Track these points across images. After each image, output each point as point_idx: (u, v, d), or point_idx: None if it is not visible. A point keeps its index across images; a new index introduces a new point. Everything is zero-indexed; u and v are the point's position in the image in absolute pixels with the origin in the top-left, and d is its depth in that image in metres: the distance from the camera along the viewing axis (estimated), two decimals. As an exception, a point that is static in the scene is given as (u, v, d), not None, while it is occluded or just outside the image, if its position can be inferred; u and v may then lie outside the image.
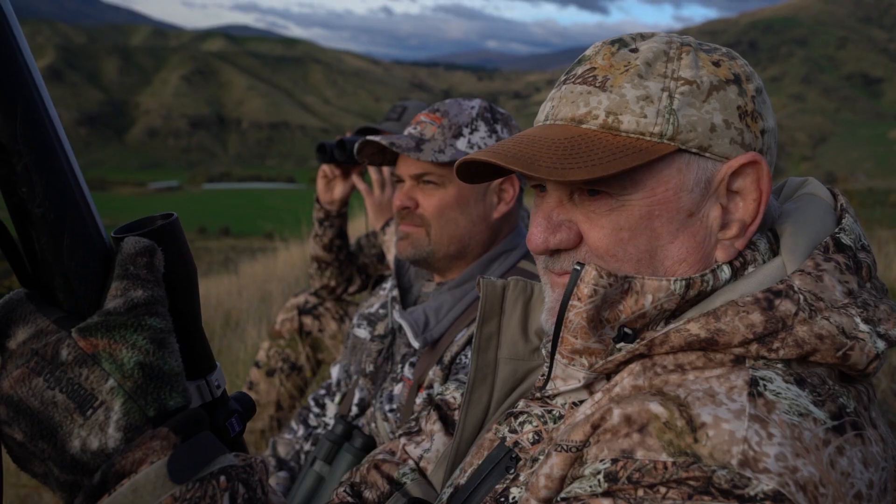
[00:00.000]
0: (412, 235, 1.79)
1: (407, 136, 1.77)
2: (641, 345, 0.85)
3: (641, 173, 0.86)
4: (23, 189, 0.67)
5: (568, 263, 0.92)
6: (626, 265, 0.89)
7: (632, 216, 0.88)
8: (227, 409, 0.79)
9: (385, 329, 1.91)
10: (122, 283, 0.68)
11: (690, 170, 0.87)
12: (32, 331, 0.67)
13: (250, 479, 0.67)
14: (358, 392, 1.92)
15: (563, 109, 0.91)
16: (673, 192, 0.87)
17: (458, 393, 1.27)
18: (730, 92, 0.88)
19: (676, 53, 0.89)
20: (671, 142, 0.86)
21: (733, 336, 0.81)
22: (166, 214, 0.76)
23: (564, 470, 0.83)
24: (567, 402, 0.96)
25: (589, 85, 0.89)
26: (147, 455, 0.64)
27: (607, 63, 0.90)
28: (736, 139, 0.88)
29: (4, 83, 0.65)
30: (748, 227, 0.89)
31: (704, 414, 0.76)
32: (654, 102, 0.86)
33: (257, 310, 5.48)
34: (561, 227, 0.92)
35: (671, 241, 0.88)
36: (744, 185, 0.89)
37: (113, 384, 0.65)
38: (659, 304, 0.87)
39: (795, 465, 0.72)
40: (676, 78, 0.88)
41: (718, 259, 0.89)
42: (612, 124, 0.87)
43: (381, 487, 1.19)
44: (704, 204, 0.89)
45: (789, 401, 0.78)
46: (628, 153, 0.84)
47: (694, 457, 0.73)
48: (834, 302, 0.83)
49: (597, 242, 0.89)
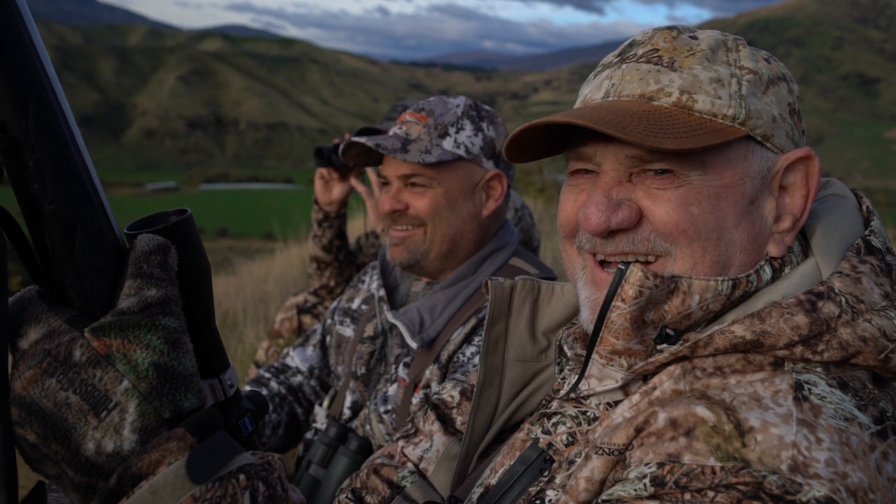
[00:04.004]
0: (407, 240, 1.76)
1: (393, 136, 1.75)
2: (685, 347, 0.84)
3: (711, 155, 0.86)
4: (35, 185, 0.66)
5: (626, 244, 0.90)
6: (695, 245, 0.87)
7: (701, 194, 0.86)
8: (240, 408, 0.78)
9: (375, 330, 1.88)
10: (136, 281, 0.68)
11: (755, 157, 0.87)
12: (45, 330, 0.67)
13: (270, 477, 0.67)
14: (349, 394, 1.89)
15: (629, 86, 0.89)
16: (739, 178, 0.87)
17: (456, 391, 1.26)
18: (782, 88, 0.90)
19: (734, 45, 0.90)
20: (742, 126, 0.85)
21: (779, 338, 0.80)
22: (180, 210, 0.75)
23: (605, 473, 0.83)
24: (601, 402, 0.94)
25: (656, 64, 0.88)
26: (164, 456, 0.63)
27: (670, 45, 0.89)
28: (790, 133, 0.89)
29: (17, 77, 0.64)
30: (797, 222, 0.90)
31: (752, 418, 0.75)
32: (725, 86, 0.86)
33: (255, 310, 5.47)
34: (622, 205, 0.89)
35: (735, 226, 0.87)
36: (794, 181, 0.89)
37: (127, 385, 0.65)
38: (706, 305, 0.86)
39: (845, 470, 0.72)
40: (741, 66, 0.88)
41: (771, 252, 0.89)
42: (686, 103, 0.86)
43: (381, 492, 1.18)
44: (762, 194, 0.89)
45: (834, 405, 0.77)
46: (707, 131, 0.83)
47: (743, 461, 0.73)
48: (873, 304, 0.82)
49: (664, 218, 0.87)
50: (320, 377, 2.09)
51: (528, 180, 10.66)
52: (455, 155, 1.71)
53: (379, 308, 1.87)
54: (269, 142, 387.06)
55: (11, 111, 0.64)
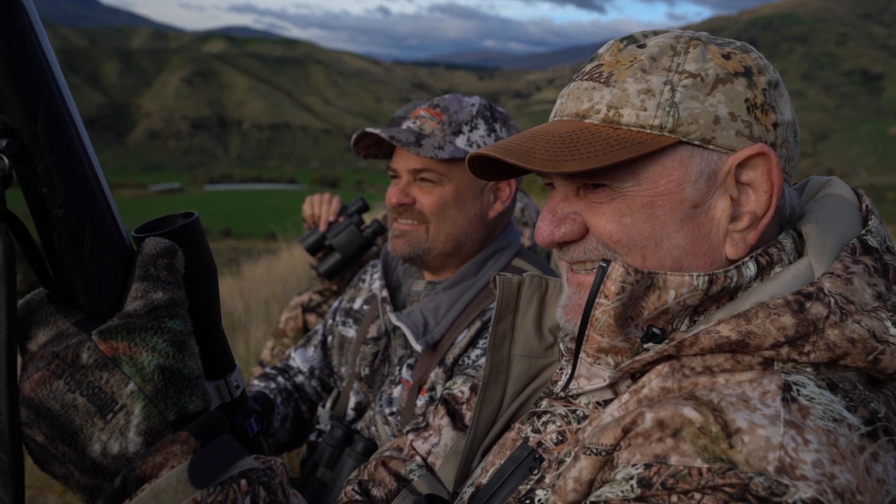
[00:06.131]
0: (409, 233, 1.76)
1: (406, 130, 1.74)
2: (671, 346, 0.84)
3: (642, 165, 0.87)
4: (43, 190, 0.66)
5: (578, 254, 0.94)
6: (633, 252, 0.89)
7: (633, 204, 0.88)
8: (246, 409, 0.79)
9: (378, 331, 1.87)
10: (143, 284, 0.69)
11: (693, 162, 0.88)
12: (53, 333, 0.68)
13: (271, 483, 0.67)
14: (353, 395, 1.89)
15: (569, 105, 0.93)
16: (676, 184, 0.87)
17: (467, 387, 1.26)
18: (738, 84, 0.88)
19: (684, 48, 0.90)
20: (671, 134, 0.86)
21: (764, 339, 0.80)
22: (187, 213, 0.75)
23: (593, 473, 0.83)
24: (591, 401, 0.95)
25: (594, 81, 0.91)
26: (167, 459, 0.64)
27: (614, 59, 0.92)
28: (743, 131, 0.88)
29: (26, 82, 0.64)
30: (760, 220, 0.89)
31: (739, 419, 0.75)
32: (655, 96, 0.87)
33: (260, 310, 5.53)
34: (566, 219, 0.93)
35: (676, 231, 0.88)
36: (754, 178, 0.88)
37: (133, 388, 0.65)
38: (682, 300, 0.87)
39: (833, 472, 0.71)
40: (680, 71, 0.88)
41: (728, 253, 0.89)
42: (613, 118, 0.88)
43: (388, 485, 1.18)
44: (711, 196, 0.89)
45: (823, 406, 0.77)
46: (626, 146, 0.85)
47: (729, 463, 0.73)
48: (864, 305, 0.82)
49: (601, 230, 0.90)
50: (321, 377, 2.10)
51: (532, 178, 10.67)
52: (467, 153, 1.68)
53: (382, 309, 1.87)
54: (272, 142, 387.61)
55: (21, 116, 0.64)
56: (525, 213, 3.12)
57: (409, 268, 1.93)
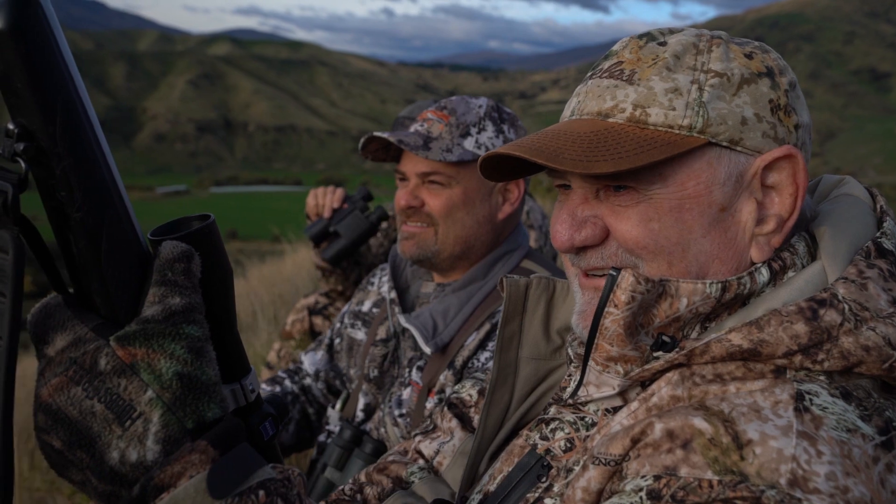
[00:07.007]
0: (418, 236, 1.76)
1: (414, 133, 1.74)
2: (681, 355, 0.82)
3: (670, 167, 0.84)
4: (61, 193, 0.66)
5: (595, 260, 0.90)
6: (660, 259, 0.86)
7: (661, 208, 0.85)
8: (261, 413, 0.79)
9: (387, 333, 1.87)
10: (160, 289, 0.68)
11: (721, 164, 0.85)
12: (71, 338, 0.67)
13: (289, 494, 0.66)
14: (362, 397, 1.89)
15: (589, 104, 0.89)
16: (704, 187, 0.85)
17: (475, 390, 1.25)
18: (762, 85, 0.86)
19: (706, 46, 0.87)
20: (701, 135, 0.83)
21: (777, 347, 0.78)
22: (203, 216, 0.75)
23: (602, 483, 0.81)
24: (600, 408, 0.94)
25: (615, 79, 0.87)
26: (186, 469, 0.64)
27: (635, 56, 0.88)
28: (768, 133, 0.85)
29: (45, 85, 0.63)
30: (785, 223, 0.87)
31: (751, 430, 0.73)
32: (683, 95, 0.84)
33: (266, 312, 5.50)
34: (586, 223, 0.89)
35: (703, 236, 0.85)
36: (779, 180, 0.86)
37: (151, 395, 0.65)
38: (694, 308, 0.84)
39: (846, 484, 0.69)
40: (706, 70, 0.85)
41: (753, 257, 0.87)
42: (640, 117, 0.84)
43: (384, 485, 1.18)
44: (737, 199, 0.86)
45: (836, 416, 0.75)
46: (656, 146, 0.82)
47: (741, 475, 0.71)
48: (879, 311, 0.80)
49: (625, 234, 0.87)
50: (326, 380, 2.11)
51: (537, 180, 10.65)
52: (476, 155, 1.71)
53: (391, 310, 1.87)
54: (278, 144, 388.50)
55: (39, 120, 0.64)
56: (530, 215, 3.11)
57: (418, 270, 1.93)
